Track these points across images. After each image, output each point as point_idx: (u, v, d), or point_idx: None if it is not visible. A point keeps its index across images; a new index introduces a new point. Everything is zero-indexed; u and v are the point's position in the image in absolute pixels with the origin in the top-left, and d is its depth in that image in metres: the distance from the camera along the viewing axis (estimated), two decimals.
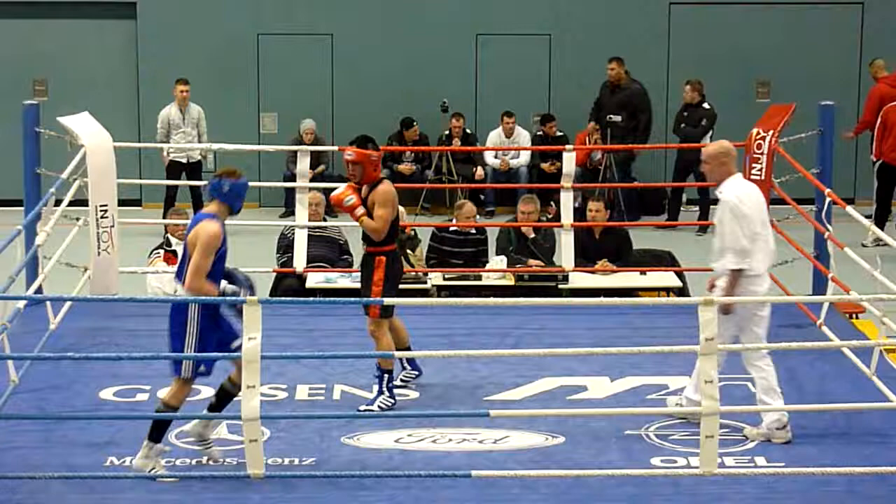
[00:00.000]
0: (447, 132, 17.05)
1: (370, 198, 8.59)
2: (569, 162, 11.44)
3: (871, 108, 16.35)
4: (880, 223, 14.78)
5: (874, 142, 15.90)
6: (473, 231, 11.77)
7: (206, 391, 8.82)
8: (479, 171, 17.02)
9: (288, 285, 11.37)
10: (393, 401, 8.55)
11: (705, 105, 16.60)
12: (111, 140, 10.71)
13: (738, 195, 8.01)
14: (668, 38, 17.93)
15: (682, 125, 16.58)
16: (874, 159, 15.92)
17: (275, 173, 17.19)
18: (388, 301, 8.34)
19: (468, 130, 17.18)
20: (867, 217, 11.02)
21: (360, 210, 8.57)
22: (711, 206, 16.36)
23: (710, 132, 16.32)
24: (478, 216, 12.31)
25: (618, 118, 16.57)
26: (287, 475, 7.51)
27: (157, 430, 7.54)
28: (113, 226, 10.48)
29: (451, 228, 11.75)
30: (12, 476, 7.32)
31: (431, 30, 17.79)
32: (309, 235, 11.37)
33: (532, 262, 11.45)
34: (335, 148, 16.87)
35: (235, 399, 7.53)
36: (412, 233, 11.95)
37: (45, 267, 10.09)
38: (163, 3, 17.76)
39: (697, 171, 16.45)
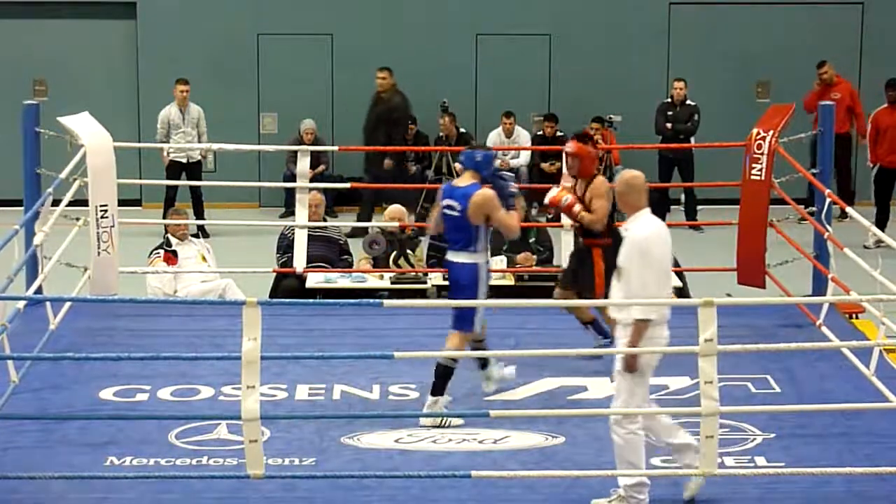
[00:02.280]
0: (444, 133, 17.03)
1: (588, 192, 9.00)
2: None
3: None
4: (881, 226, 14.78)
5: (869, 147, 15.91)
6: None
7: (205, 391, 8.84)
8: None
9: (288, 285, 11.36)
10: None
11: (690, 101, 16.62)
12: (111, 140, 10.68)
13: (648, 235, 7.16)
14: (668, 38, 17.93)
15: (671, 123, 16.53)
16: (870, 164, 15.91)
17: (275, 173, 17.19)
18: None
19: (462, 129, 17.13)
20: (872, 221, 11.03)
21: (578, 206, 8.96)
22: (698, 206, 16.44)
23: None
24: None
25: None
26: (287, 475, 7.51)
27: (442, 385, 8.25)
28: (113, 226, 10.46)
29: None
30: (12, 476, 7.31)
31: (431, 30, 17.79)
32: (309, 235, 11.35)
33: (522, 256, 11.49)
34: (335, 148, 16.91)
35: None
36: (412, 233, 11.93)
37: (45, 267, 10.08)
38: (163, 3, 17.76)
39: (683, 169, 16.49)
